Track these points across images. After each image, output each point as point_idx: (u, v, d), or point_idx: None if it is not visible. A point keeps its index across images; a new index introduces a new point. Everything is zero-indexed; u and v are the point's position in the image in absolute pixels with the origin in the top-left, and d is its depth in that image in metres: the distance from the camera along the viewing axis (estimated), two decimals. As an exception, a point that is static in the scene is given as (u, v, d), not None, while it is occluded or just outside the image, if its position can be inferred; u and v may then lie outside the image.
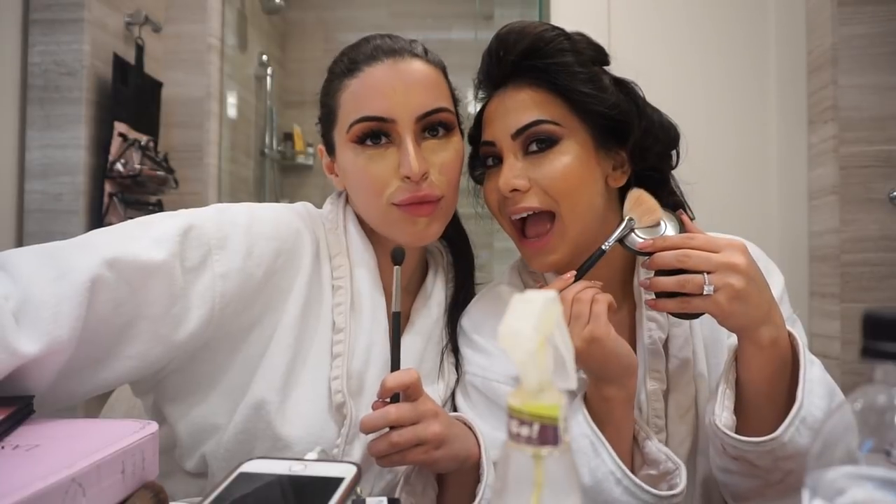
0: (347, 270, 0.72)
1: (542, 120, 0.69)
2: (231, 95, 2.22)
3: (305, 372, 0.67)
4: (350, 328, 0.70)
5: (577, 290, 0.64)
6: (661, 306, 0.65)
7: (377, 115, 0.67)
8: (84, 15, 1.59)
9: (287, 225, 0.69)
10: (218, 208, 0.67)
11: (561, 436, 0.30)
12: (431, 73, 0.71)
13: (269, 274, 0.66)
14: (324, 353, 0.68)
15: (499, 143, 0.71)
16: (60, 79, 1.58)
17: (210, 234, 0.63)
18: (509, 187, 0.69)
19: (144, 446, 0.44)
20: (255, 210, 0.68)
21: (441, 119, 0.70)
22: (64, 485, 0.36)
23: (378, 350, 0.70)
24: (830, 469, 0.30)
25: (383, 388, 0.60)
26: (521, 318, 0.30)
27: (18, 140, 1.58)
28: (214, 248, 0.63)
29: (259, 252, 0.65)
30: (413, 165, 0.66)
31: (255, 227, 0.66)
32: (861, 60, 1.55)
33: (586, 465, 0.62)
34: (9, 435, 0.43)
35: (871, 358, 0.31)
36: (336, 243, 0.73)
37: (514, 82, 0.72)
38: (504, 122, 0.71)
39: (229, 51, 2.16)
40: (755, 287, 0.60)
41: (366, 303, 0.71)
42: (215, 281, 0.62)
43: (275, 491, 0.40)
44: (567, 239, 0.70)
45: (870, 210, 1.54)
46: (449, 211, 0.73)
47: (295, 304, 0.67)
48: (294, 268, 0.68)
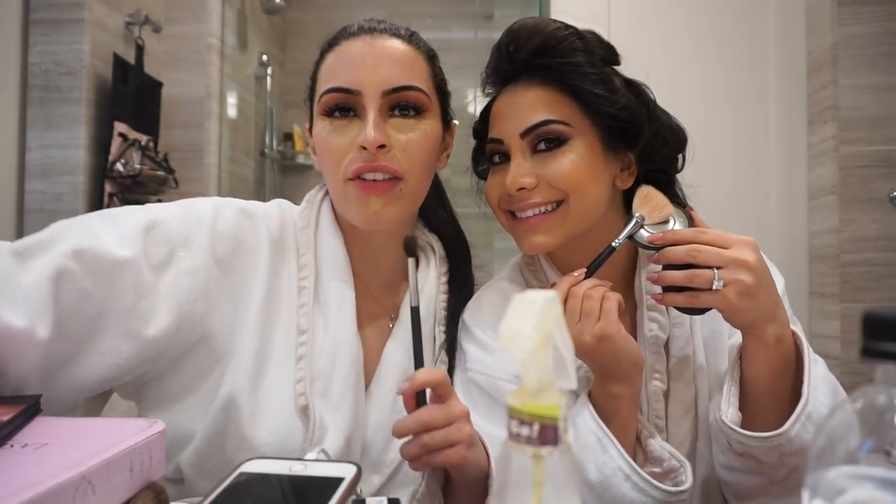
0: (313, 270, 0.71)
1: (551, 120, 0.69)
2: (231, 95, 2.22)
3: (271, 374, 0.66)
4: (313, 328, 0.68)
5: (587, 286, 0.64)
6: (668, 300, 0.65)
7: (344, 86, 0.67)
8: (84, 15, 1.59)
9: (249, 225, 0.69)
10: (185, 205, 0.67)
11: (561, 436, 0.30)
12: (408, 53, 0.69)
13: (231, 272, 0.66)
14: (289, 355, 0.67)
15: (507, 141, 0.71)
16: (61, 79, 1.58)
17: (175, 231, 0.63)
18: (517, 186, 0.69)
19: (152, 445, 0.44)
20: (220, 208, 0.68)
21: (411, 98, 0.68)
22: (74, 482, 0.36)
23: (344, 348, 0.68)
24: (830, 469, 0.30)
25: (413, 383, 0.57)
26: (521, 317, 0.30)
27: (19, 140, 1.58)
28: (179, 245, 0.63)
29: (221, 251, 0.65)
30: (369, 133, 0.64)
31: (218, 225, 0.66)
32: (861, 60, 1.55)
33: (593, 462, 0.62)
34: (17, 434, 0.43)
35: (871, 358, 0.31)
36: (305, 242, 0.72)
37: (523, 80, 0.72)
38: (513, 121, 0.70)
39: (229, 51, 2.16)
40: (763, 284, 0.60)
41: (332, 299, 0.70)
42: (180, 278, 0.62)
43: (275, 491, 0.40)
44: (565, 226, 0.70)
45: (869, 210, 1.54)
46: (412, 197, 0.69)
47: (256, 305, 0.67)
48: (252, 268, 0.68)
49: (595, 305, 0.62)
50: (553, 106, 0.70)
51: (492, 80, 0.76)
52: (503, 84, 0.74)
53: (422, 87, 0.69)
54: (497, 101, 0.74)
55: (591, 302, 0.63)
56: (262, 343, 0.66)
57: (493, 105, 0.75)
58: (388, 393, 0.71)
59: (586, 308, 0.63)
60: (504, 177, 0.71)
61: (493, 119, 0.74)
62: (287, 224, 0.73)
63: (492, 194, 0.75)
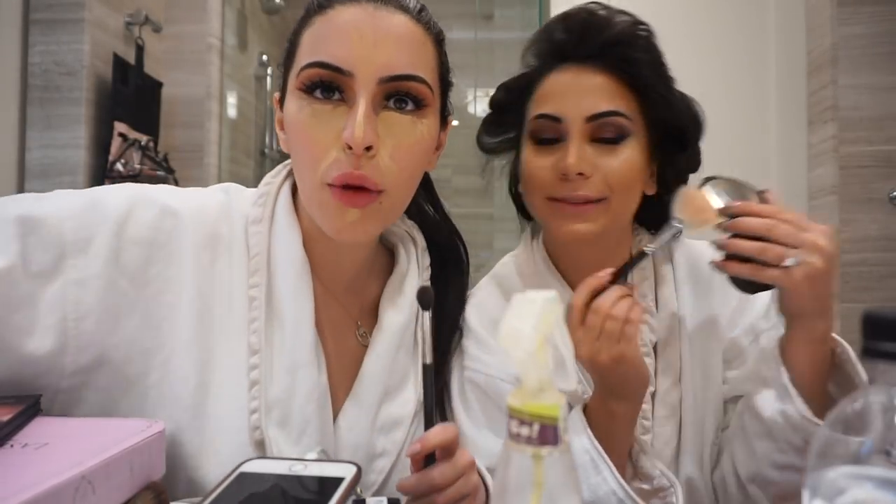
0: (265, 276, 0.60)
1: (619, 112, 0.67)
2: (231, 95, 2.22)
3: (218, 403, 0.56)
4: (266, 349, 0.58)
5: (612, 299, 0.60)
6: (733, 268, 0.61)
7: (333, 62, 0.54)
8: (84, 15, 1.59)
9: (170, 228, 0.57)
10: (90, 199, 0.55)
11: (561, 436, 0.30)
12: (417, 33, 0.57)
13: (141, 285, 0.55)
14: (239, 379, 0.57)
15: (568, 121, 0.68)
16: (60, 79, 1.58)
17: (67, 233, 0.52)
18: (577, 170, 0.66)
19: (151, 445, 0.44)
20: (135, 208, 0.56)
21: (412, 90, 0.56)
22: (74, 482, 0.36)
23: (305, 373, 0.59)
24: (831, 469, 0.30)
25: (426, 445, 0.51)
26: (521, 317, 0.30)
27: (18, 140, 1.58)
28: (71, 251, 0.52)
29: (127, 259, 0.54)
30: (357, 131, 0.53)
31: (128, 229, 0.55)
32: (861, 60, 1.55)
33: (586, 482, 0.61)
34: (17, 433, 0.43)
35: (871, 358, 0.31)
36: (258, 241, 0.61)
37: (590, 63, 0.68)
38: (579, 103, 0.67)
39: (229, 51, 2.16)
40: (830, 275, 0.58)
41: (287, 312, 0.59)
42: (67, 288, 0.51)
43: (275, 491, 0.40)
44: (605, 220, 0.68)
45: (869, 210, 1.54)
46: (392, 212, 0.60)
47: (185, 323, 0.56)
48: (175, 279, 0.56)
49: (617, 328, 0.59)
50: (620, 98, 0.68)
51: (548, 55, 0.72)
52: (561, 61, 0.70)
53: (426, 77, 0.57)
54: (553, 77, 0.70)
55: (613, 324, 0.59)
56: (201, 367, 0.56)
57: (546, 80, 0.71)
58: (365, 414, 0.62)
59: (608, 329, 0.59)
60: (554, 158, 0.68)
61: (550, 95, 0.69)
62: (234, 217, 0.62)
63: (536, 174, 0.69)
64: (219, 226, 0.60)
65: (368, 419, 0.62)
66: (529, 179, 0.71)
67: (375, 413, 0.63)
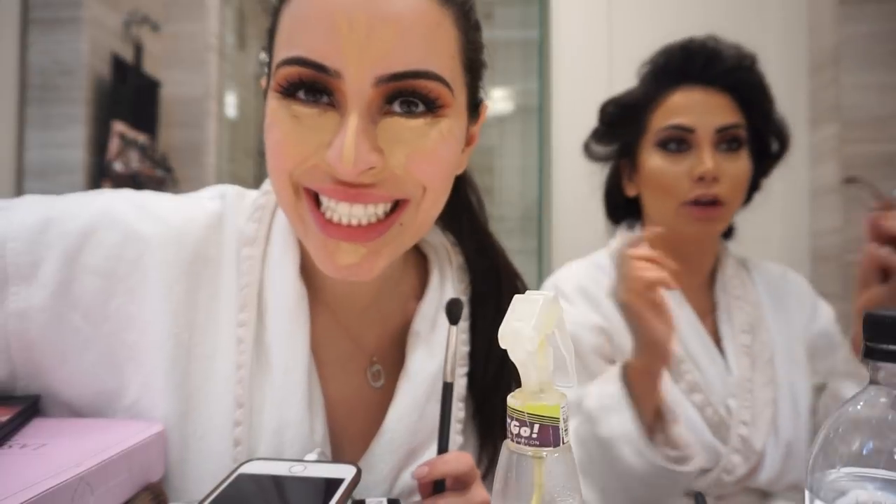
0: (255, 310, 0.50)
1: (741, 125, 0.82)
2: (230, 95, 2.21)
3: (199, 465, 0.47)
4: (254, 401, 0.49)
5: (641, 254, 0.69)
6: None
7: (315, 59, 0.42)
8: (82, 14, 1.58)
9: (135, 255, 0.48)
10: (47, 220, 0.46)
11: (561, 436, 0.30)
12: (428, 13, 0.43)
13: (99, 321, 0.47)
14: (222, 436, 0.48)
15: (700, 131, 0.81)
16: (59, 78, 1.58)
17: (12, 256, 0.45)
18: (713, 174, 0.79)
19: (150, 446, 0.44)
20: (97, 231, 0.47)
21: (421, 89, 0.43)
22: (73, 484, 0.36)
23: (295, 434, 0.48)
24: (832, 470, 0.30)
25: (434, 471, 0.44)
26: (521, 317, 0.30)
27: (17, 139, 1.58)
28: (13, 277, 0.45)
29: (79, 290, 0.46)
30: (346, 154, 0.40)
31: (85, 256, 0.46)
32: (863, 59, 1.55)
33: (607, 422, 0.69)
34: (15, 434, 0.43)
35: (873, 359, 0.30)
36: (249, 268, 0.51)
37: (715, 84, 0.82)
38: (710, 117, 0.81)
39: (228, 50, 2.16)
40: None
41: (276, 361, 0.49)
42: (7, 320, 0.45)
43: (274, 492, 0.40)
44: (723, 224, 0.83)
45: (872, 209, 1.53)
46: (417, 230, 0.47)
47: (157, 365, 0.47)
48: (142, 314, 0.47)
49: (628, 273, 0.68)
50: (737, 114, 0.82)
51: (669, 74, 0.84)
52: (682, 80, 0.83)
53: (442, 71, 0.43)
54: (681, 94, 0.83)
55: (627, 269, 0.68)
56: (177, 418, 0.47)
57: (674, 96, 0.83)
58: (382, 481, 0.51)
59: (622, 271, 0.69)
60: (687, 164, 0.81)
61: (680, 109, 0.82)
62: (226, 234, 0.52)
63: (668, 180, 0.82)
64: (205, 247, 0.50)
65: (384, 487, 0.51)
66: (661, 184, 0.83)
67: (393, 480, 0.52)
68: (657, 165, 0.83)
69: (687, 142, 0.82)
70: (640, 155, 0.86)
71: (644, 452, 0.67)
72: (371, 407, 0.53)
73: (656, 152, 0.83)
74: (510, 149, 1.93)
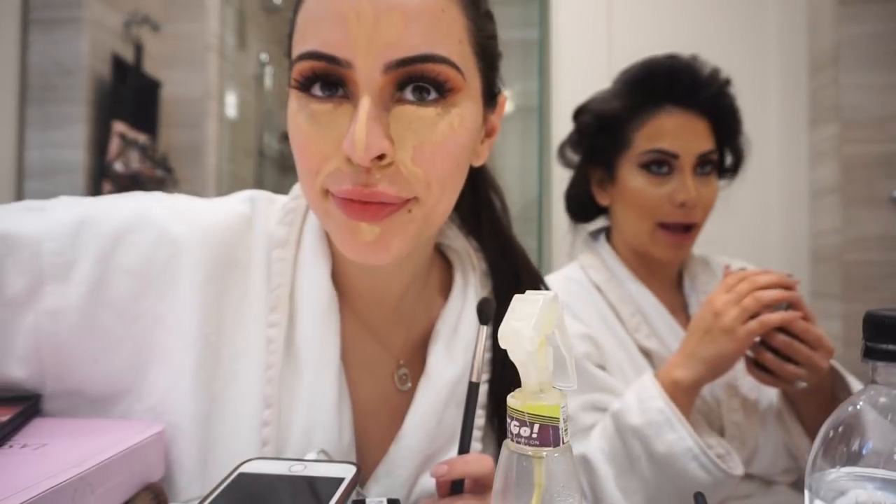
0: (286, 312, 0.51)
1: (715, 150, 0.85)
2: (230, 95, 2.22)
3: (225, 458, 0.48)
4: (282, 403, 0.49)
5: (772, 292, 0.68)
6: (759, 377, 0.72)
7: (326, 51, 0.43)
8: (82, 14, 1.59)
9: (167, 256, 0.48)
10: (82, 220, 0.47)
11: (561, 436, 0.30)
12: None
13: (130, 320, 0.47)
14: (250, 437, 0.48)
15: (684, 157, 0.83)
16: (59, 78, 1.58)
17: (48, 256, 0.46)
18: (695, 202, 0.82)
19: (150, 446, 0.44)
20: (130, 233, 0.48)
21: (430, 73, 0.44)
22: (73, 484, 0.36)
23: (322, 435, 0.49)
24: (832, 469, 0.30)
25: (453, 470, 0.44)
26: (521, 318, 0.30)
27: (17, 139, 1.58)
28: (49, 278, 0.46)
29: (111, 290, 0.47)
30: (358, 139, 0.41)
31: (118, 257, 0.47)
32: (863, 59, 1.55)
33: (660, 439, 0.69)
34: (16, 434, 0.43)
35: (873, 359, 0.30)
36: (280, 268, 0.52)
37: (696, 109, 0.84)
38: (692, 142, 0.83)
39: (228, 50, 2.16)
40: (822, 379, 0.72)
41: (307, 362, 0.50)
42: (41, 318, 0.45)
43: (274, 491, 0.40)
44: (692, 244, 0.87)
45: (872, 210, 1.53)
46: (428, 220, 0.47)
47: (183, 369, 0.48)
48: (171, 315, 0.48)
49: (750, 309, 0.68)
50: (712, 138, 0.85)
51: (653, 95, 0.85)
52: (663, 103, 0.84)
53: (449, 54, 0.44)
54: (665, 117, 0.84)
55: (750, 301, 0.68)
56: (202, 420, 0.48)
57: (658, 118, 0.84)
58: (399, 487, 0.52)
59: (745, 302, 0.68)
60: (670, 187, 0.83)
61: (664, 132, 0.83)
62: (256, 237, 0.53)
63: (650, 201, 0.84)
64: (235, 250, 0.51)
65: (403, 492, 0.52)
66: (642, 205, 0.85)
67: (411, 486, 0.52)
68: (639, 186, 0.85)
69: (669, 165, 0.83)
70: (619, 170, 0.87)
71: (709, 467, 0.67)
72: (396, 410, 0.54)
73: (639, 172, 0.85)
74: (510, 149, 1.93)
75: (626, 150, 0.86)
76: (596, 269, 0.90)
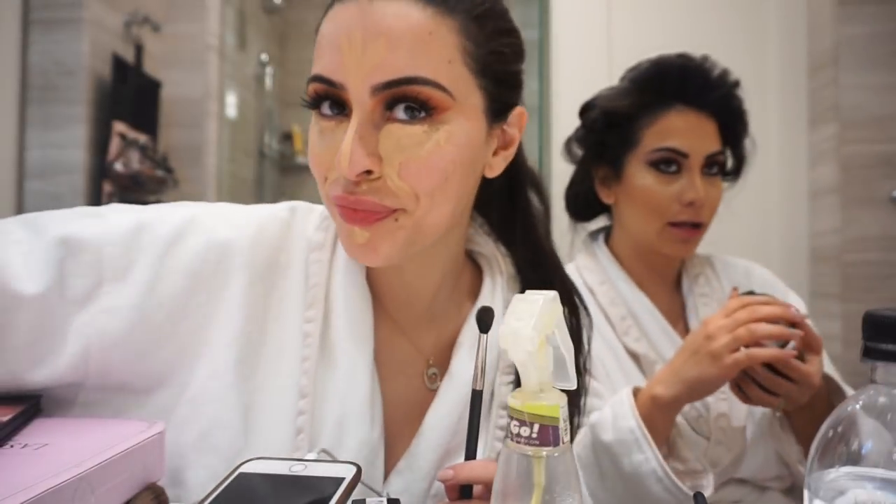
0: (322, 310, 0.54)
1: (723, 151, 0.86)
2: (230, 95, 2.22)
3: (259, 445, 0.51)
4: (318, 392, 0.53)
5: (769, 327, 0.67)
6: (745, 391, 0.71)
7: (325, 74, 0.48)
8: (83, 14, 1.59)
9: (216, 259, 0.52)
10: (139, 225, 0.51)
11: (561, 436, 0.30)
12: (420, 23, 0.46)
13: (179, 318, 0.51)
14: (285, 426, 0.51)
15: (693, 157, 0.83)
16: (59, 78, 1.58)
17: (109, 259, 0.49)
18: (703, 201, 0.82)
19: (151, 446, 0.44)
20: (182, 236, 0.52)
21: (415, 94, 0.46)
22: (73, 484, 0.36)
23: (355, 427, 0.52)
24: (831, 469, 0.30)
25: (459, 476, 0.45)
26: (521, 317, 0.30)
27: (17, 139, 1.58)
28: (109, 278, 0.49)
29: (164, 289, 0.50)
30: (343, 157, 0.45)
31: (171, 260, 0.51)
32: (862, 60, 1.55)
33: (628, 458, 0.69)
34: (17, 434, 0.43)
35: (872, 358, 0.30)
36: (317, 270, 0.55)
37: (706, 109, 0.83)
38: (702, 142, 0.83)
39: (229, 50, 2.16)
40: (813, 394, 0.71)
41: (342, 354, 0.53)
42: (97, 316, 0.48)
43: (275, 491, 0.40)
44: (699, 242, 0.86)
45: (871, 210, 1.54)
46: (419, 232, 0.50)
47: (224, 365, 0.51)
48: (217, 315, 0.52)
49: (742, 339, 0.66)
50: (719, 140, 0.85)
51: (664, 94, 0.84)
52: (674, 102, 0.83)
53: (435, 77, 0.46)
54: (675, 116, 0.83)
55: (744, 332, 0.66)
56: (243, 410, 0.51)
57: (668, 117, 0.83)
58: (420, 479, 0.54)
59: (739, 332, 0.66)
60: (678, 186, 0.82)
61: (674, 131, 0.83)
62: (295, 242, 0.56)
63: (659, 200, 0.83)
64: (277, 253, 0.55)
65: (422, 486, 0.54)
66: (649, 204, 0.84)
67: (432, 479, 0.54)
68: (648, 184, 0.84)
69: (678, 164, 0.83)
70: (626, 167, 0.86)
71: (672, 490, 0.68)
72: (424, 408, 0.56)
73: (648, 171, 0.84)
74: (510, 149, 1.93)
75: (634, 147, 0.85)
76: (590, 270, 0.89)
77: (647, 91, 0.85)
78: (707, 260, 0.93)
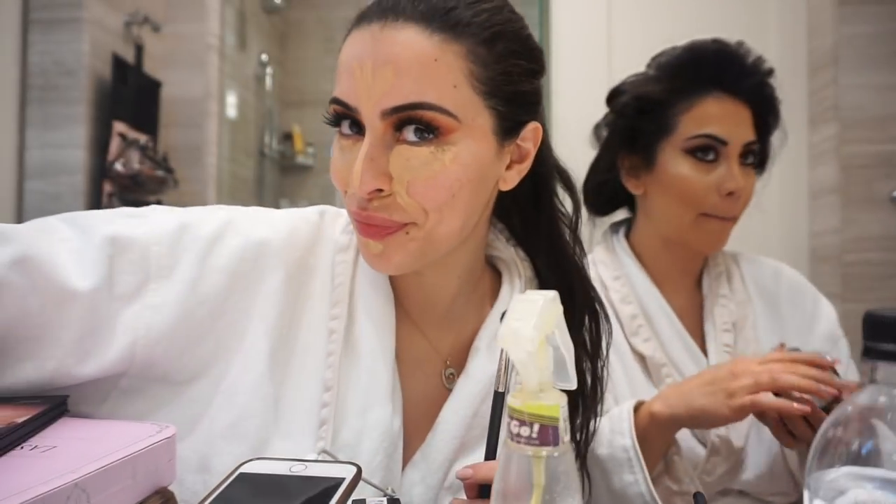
0: (346, 307, 0.57)
1: (757, 141, 0.83)
2: (231, 95, 2.22)
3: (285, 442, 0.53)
4: (341, 386, 0.55)
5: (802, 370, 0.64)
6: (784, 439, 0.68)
7: (342, 98, 0.51)
8: (83, 14, 1.59)
9: (253, 257, 0.55)
10: (184, 221, 0.54)
11: (561, 436, 0.30)
12: (425, 49, 0.49)
13: (218, 314, 0.53)
14: (310, 418, 0.54)
15: (732, 144, 0.80)
16: (59, 78, 1.58)
17: (155, 257, 0.52)
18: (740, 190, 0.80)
19: (159, 451, 0.43)
20: (223, 237, 0.54)
21: (421, 118, 0.49)
22: (66, 490, 0.35)
23: (377, 417, 0.54)
24: (831, 469, 0.30)
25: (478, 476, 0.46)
26: (520, 317, 0.30)
27: (17, 140, 1.58)
28: (155, 276, 0.52)
29: (206, 287, 0.53)
30: (354, 177, 0.49)
31: (212, 258, 0.53)
32: (862, 60, 1.55)
33: (618, 477, 0.68)
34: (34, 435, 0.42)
35: (872, 358, 0.30)
36: (342, 270, 0.58)
37: (741, 96, 0.81)
38: (740, 130, 0.80)
39: (229, 50, 2.16)
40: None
41: (365, 347, 0.56)
42: (143, 312, 0.51)
43: (275, 491, 0.40)
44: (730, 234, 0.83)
45: (871, 210, 1.54)
46: (430, 244, 0.53)
47: (260, 353, 0.54)
48: (254, 310, 0.55)
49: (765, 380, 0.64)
50: (754, 129, 0.82)
51: (701, 79, 0.81)
52: (711, 88, 0.80)
53: (440, 101, 0.49)
54: (713, 102, 0.80)
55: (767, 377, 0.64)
56: (272, 402, 0.54)
57: (705, 103, 0.80)
58: (435, 471, 0.57)
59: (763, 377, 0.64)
60: (716, 176, 0.79)
61: (712, 118, 0.80)
62: (323, 244, 0.59)
63: (697, 190, 0.80)
64: (307, 255, 0.58)
65: (437, 477, 0.57)
66: (685, 193, 0.80)
67: (446, 471, 0.57)
68: (685, 173, 0.80)
69: (716, 152, 0.80)
70: (660, 156, 0.82)
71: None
72: (441, 404, 0.59)
73: (684, 158, 0.80)
74: (510, 149, 1.93)
75: (669, 134, 0.81)
76: (606, 264, 0.86)
77: (680, 77, 0.82)
78: (733, 258, 0.89)
